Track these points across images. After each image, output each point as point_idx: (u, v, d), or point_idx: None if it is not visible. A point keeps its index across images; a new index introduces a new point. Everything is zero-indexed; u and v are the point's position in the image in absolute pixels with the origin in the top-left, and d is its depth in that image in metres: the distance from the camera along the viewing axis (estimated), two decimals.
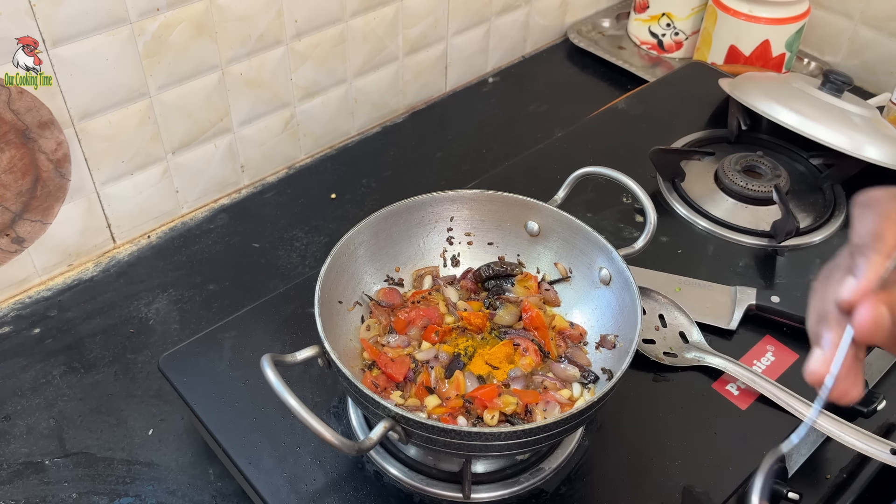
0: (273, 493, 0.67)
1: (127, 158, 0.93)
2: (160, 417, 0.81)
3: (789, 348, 0.81)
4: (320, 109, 1.10)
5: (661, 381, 0.78)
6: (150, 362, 0.85)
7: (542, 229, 0.78)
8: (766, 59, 1.24)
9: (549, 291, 0.78)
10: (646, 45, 1.38)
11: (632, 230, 0.95)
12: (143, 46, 0.87)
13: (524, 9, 1.30)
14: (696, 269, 0.90)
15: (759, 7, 1.21)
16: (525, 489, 0.69)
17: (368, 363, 0.72)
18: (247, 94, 1.00)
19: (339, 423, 0.74)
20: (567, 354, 0.74)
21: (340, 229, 0.73)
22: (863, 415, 0.79)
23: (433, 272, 0.80)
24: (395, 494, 0.68)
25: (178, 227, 1.02)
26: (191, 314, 0.91)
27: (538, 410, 0.68)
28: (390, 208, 0.76)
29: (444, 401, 0.68)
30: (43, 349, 0.87)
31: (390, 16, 1.10)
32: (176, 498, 0.74)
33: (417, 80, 1.21)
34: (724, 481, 0.69)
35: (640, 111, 1.14)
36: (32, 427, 0.79)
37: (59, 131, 0.85)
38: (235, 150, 1.04)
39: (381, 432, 0.59)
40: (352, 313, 0.75)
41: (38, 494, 0.74)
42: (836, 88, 1.01)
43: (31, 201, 0.87)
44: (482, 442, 0.59)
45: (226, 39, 0.94)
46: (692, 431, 0.73)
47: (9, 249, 0.88)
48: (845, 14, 1.30)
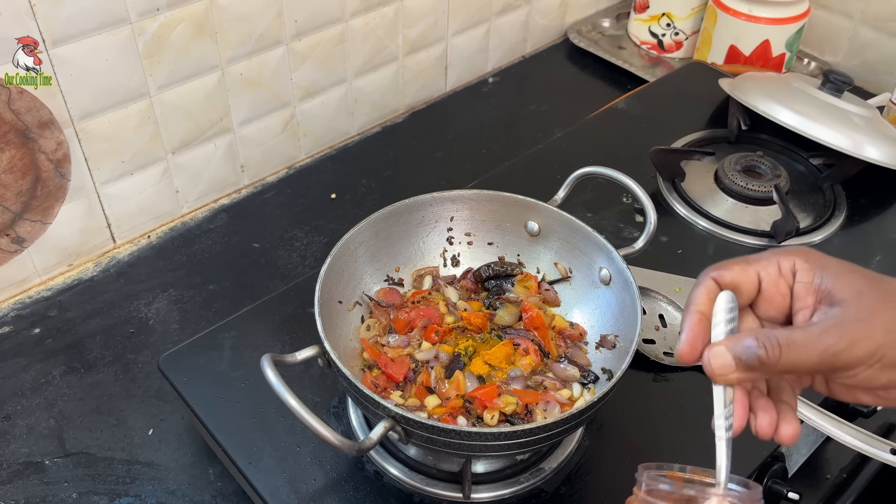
0: (273, 493, 0.67)
1: (127, 158, 0.93)
2: (160, 417, 0.81)
3: None
4: (320, 109, 1.10)
5: (661, 381, 0.78)
6: (150, 362, 0.85)
7: (542, 229, 0.78)
8: (766, 59, 1.24)
9: (549, 291, 0.78)
10: (646, 45, 1.38)
11: (632, 230, 0.95)
12: (143, 46, 0.87)
13: (524, 9, 1.30)
14: (696, 269, 0.89)
15: (759, 7, 1.21)
16: (525, 489, 0.69)
17: (368, 363, 0.72)
18: (247, 94, 1.00)
19: (339, 423, 0.74)
20: (567, 354, 0.74)
21: (340, 229, 0.73)
22: (863, 415, 0.80)
23: (433, 272, 0.80)
24: (395, 494, 0.68)
25: (178, 227, 1.02)
26: (191, 314, 0.91)
27: (538, 410, 0.68)
28: (390, 208, 0.76)
29: (444, 401, 0.68)
30: (43, 349, 0.87)
31: (390, 16, 1.10)
32: (176, 498, 0.74)
33: (417, 80, 1.21)
34: None
35: (640, 111, 1.14)
36: (32, 427, 0.79)
37: (59, 131, 0.85)
38: (235, 150, 1.04)
39: (381, 432, 0.59)
40: (352, 313, 0.74)
41: (38, 494, 0.74)
42: (836, 88, 1.01)
43: (31, 201, 0.87)
44: (482, 442, 0.59)
45: (226, 39, 0.94)
46: (692, 431, 0.73)
47: (9, 249, 0.88)
48: (845, 14, 1.30)
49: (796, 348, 0.46)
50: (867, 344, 0.46)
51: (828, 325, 0.47)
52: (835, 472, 0.75)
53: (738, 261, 0.52)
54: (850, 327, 0.46)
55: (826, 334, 0.46)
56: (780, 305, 0.51)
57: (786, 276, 0.50)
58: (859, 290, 0.47)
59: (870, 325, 0.46)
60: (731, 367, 0.48)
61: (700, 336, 0.50)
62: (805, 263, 0.50)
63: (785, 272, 0.50)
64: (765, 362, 0.47)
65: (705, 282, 0.51)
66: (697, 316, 0.50)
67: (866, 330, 0.46)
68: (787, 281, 0.50)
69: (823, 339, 0.46)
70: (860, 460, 0.81)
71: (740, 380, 0.48)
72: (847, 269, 0.49)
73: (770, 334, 0.47)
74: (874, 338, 0.46)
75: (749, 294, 0.51)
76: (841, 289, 0.48)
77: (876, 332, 0.46)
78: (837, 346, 0.46)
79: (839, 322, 0.47)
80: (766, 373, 0.48)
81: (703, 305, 0.50)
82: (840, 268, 0.49)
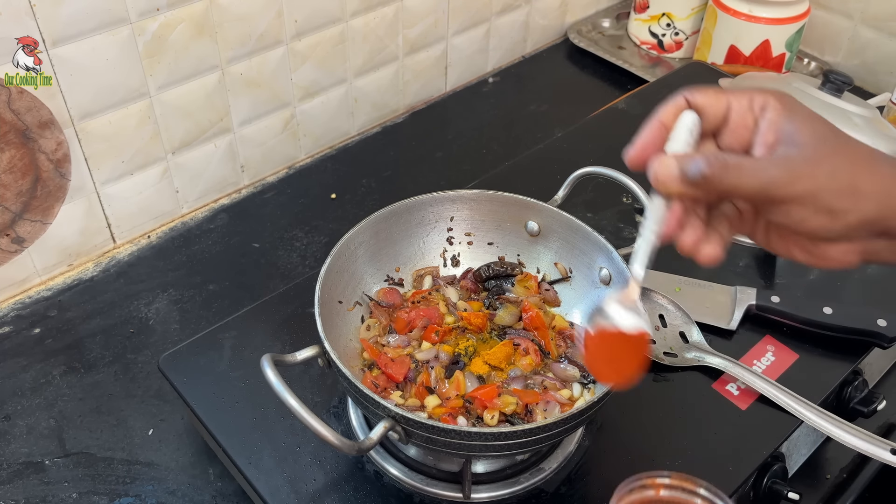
0: (273, 493, 0.67)
1: (127, 158, 0.93)
2: (160, 417, 0.81)
3: (789, 348, 0.81)
4: (320, 109, 1.10)
5: (661, 381, 0.78)
6: (150, 362, 0.85)
7: (542, 229, 0.78)
8: (766, 59, 1.24)
9: (549, 291, 0.78)
10: (646, 45, 1.38)
11: (632, 230, 0.95)
12: (143, 46, 0.87)
13: (524, 9, 1.30)
14: (696, 269, 0.89)
15: (759, 7, 1.21)
16: (525, 489, 0.69)
17: (368, 363, 0.72)
18: (247, 94, 1.00)
19: (339, 423, 0.74)
20: (567, 354, 0.74)
21: (340, 229, 0.73)
22: (863, 415, 0.80)
23: (433, 272, 0.80)
24: (395, 494, 0.68)
25: (178, 227, 1.02)
26: (191, 314, 0.91)
27: (538, 410, 0.68)
28: (390, 208, 0.76)
29: (444, 401, 0.68)
30: (43, 349, 0.87)
31: (390, 16, 1.10)
32: (176, 498, 0.74)
33: (417, 80, 1.21)
34: (724, 481, 0.69)
35: (641, 111, 1.14)
36: (32, 427, 0.79)
37: (59, 131, 0.85)
38: (235, 150, 1.04)
39: (381, 432, 0.59)
40: (352, 313, 0.75)
41: (38, 494, 0.74)
42: (836, 88, 1.01)
43: (31, 201, 0.87)
44: (482, 442, 0.59)
45: (226, 39, 0.94)
46: (692, 431, 0.73)
47: (9, 249, 0.88)
48: (845, 14, 1.30)
49: (741, 171, 0.48)
50: (807, 183, 0.47)
51: (777, 160, 0.48)
52: (835, 472, 0.75)
53: (714, 88, 0.53)
54: (797, 165, 0.48)
55: (773, 166, 0.48)
56: (743, 138, 0.51)
57: (755, 111, 0.51)
58: (819, 137, 0.49)
59: (815, 168, 0.48)
60: (675, 177, 0.49)
61: (652, 142, 0.51)
62: (777, 104, 0.51)
63: (755, 107, 0.51)
64: (708, 179, 0.48)
65: (676, 98, 0.52)
66: (657, 124, 0.52)
67: (811, 171, 0.48)
68: (754, 115, 0.51)
69: (769, 170, 0.48)
70: (860, 460, 0.81)
71: (681, 193, 0.49)
72: (816, 119, 0.50)
73: (719, 155, 0.49)
74: (816, 180, 0.47)
75: (715, 120, 0.52)
76: (803, 133, 0.49)
77: (820, 175, 0.47)
78: (780, 179, 0.47)
79: (789, 159, 0.48)
80: (707, 191, 0.49)
81: (666, 117, 0.52)
82: (809, 116, 0.50)
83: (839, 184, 0.47)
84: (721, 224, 0.53)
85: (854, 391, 0.80)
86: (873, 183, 0.48)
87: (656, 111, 0.52)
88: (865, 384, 0.81)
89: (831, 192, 0.47)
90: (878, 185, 0.48)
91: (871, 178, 0.48)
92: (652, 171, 0.50)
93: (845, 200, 0.48)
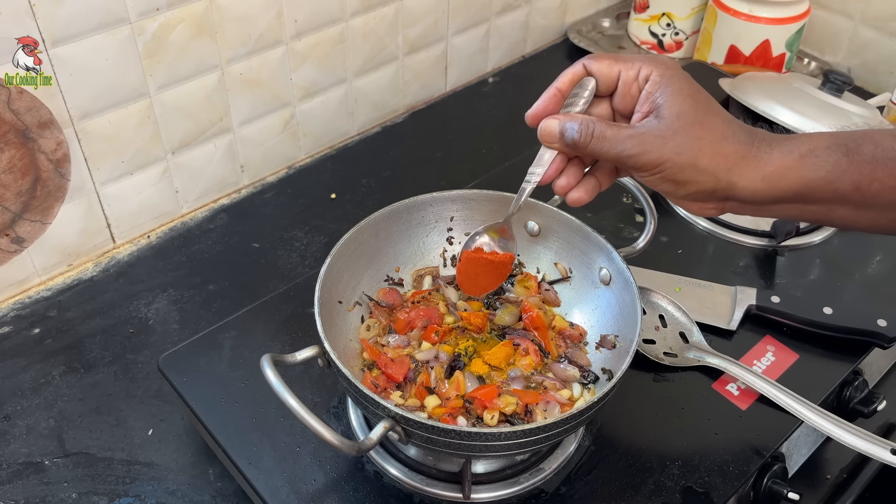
0: (273, 493, 0.67)
1: (127, 158, 0.93)
2: (160, 417, 0.81)
3: (789, 348, 0.81)
4: (320, 109, 1.10)
5: (661, 381, 0.78)
6: (150, 362, 0.85)
7: (542, 229, 0.78)
8: (767, 59, 1.24)
9: (549, 291, 0.78)
10: (646, 45, 1.38)
11: (632, 230, 0.95)
12: (143, 46, 0.87)
13: (524, 9, 1.30)
14: (696, 269, 0.90)
15: (759, 7, 1.21)
16: (525, 489, 0.69)
17: (368, 363, 0.72)
18: (247, 94, 1.00)
19: (339, 423, 0.74)
20: (567, 354, 0.74)
21: (340, 229, 0.73)
22: (863, 415, 0.80)
23: (433, 272, 0.80)
24: (395, 494, 0.68)
25: (178, 227, 1.02)
26: (191, 314, 0.91)
27: (538, 410, 0.68)
28: (390, 208, 0.76)
29: (444, 401, 0.68)
30: (43, 349, 0.87)
31: (390, 16, 1.10)
32: (176, 498, 0.74)
33: (417, 80, 1.21)
34: (724, 481, 0.69)
35: None
36: (32, 427, 0.79)
37: (58, 131, 0.85)
38: (235, 150, 1.04)
39: (381, 432, 0.59)
40: (352, 313, 0.74)
41: (38, 494, 0.74)
42: (836, 88, 1.01)
43: (30, 201, 0.87)
44: (482, 442, 0.59)
45: (226, 39, 0.94)
46: (692, 431, 0.73)
47: (9, 249, 0.88)
48: (845, 14, 1.30)
49: (603, 142, 0.57)
50: (654, 156, 0.56)
51: (633, 133, 0.56)
52: (835, 472, 0.75)
53: (611, 56, 0.60)
54: (648, 139, 0.56)
55: (629, 139, 0.56)
56: (628, 105, 0.60)
57: (640, 81, 0.58)
58: (679, 113, 0.56)
59: (664, 144, 0.55)
60: (555, 137, 0.59)
61: (546, 108, 0.61)
62: (657, 77, 0.58)
63: (640, 78, 0.58)
64: (577, 144, 0.58)
65: (575, 66, 0.61)
66: (553, 90, 0.61)
67: (659, 146, 0.55)
68: (638, 86, 0.59)
69: (625, 142, 0.56)
70: (860, 460, 0.81)
71: (560, 149, 0.60)
72: (686, 93, 0.57)
73: (591, 124, 0.57)
74: (661, 154, 0.55)
75: (608, 87, 0.60)
76: (668, 107, 0.56)
77: (666, 150, 0.55)
78: (631, 151, 0.56)
79: (643, 133, 0.56)
80: (578, 152, 0.60)
81: (563, 84, 0.61)
82: (681, 90, 0.57)
83: (682, 160, 0.55)
84: (602, 170, 0.62)
85: (854, 391, 0.80)
86: (713, 162, 0.55)
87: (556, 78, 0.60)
88: (865, 384, 0.81)
89: (675, 167, 0.56)
90: (716, 164, 0.55)
91: (711, 157, 0.55)
92: (539, 128, 0.60)
93: (686, 174, 0.56)
